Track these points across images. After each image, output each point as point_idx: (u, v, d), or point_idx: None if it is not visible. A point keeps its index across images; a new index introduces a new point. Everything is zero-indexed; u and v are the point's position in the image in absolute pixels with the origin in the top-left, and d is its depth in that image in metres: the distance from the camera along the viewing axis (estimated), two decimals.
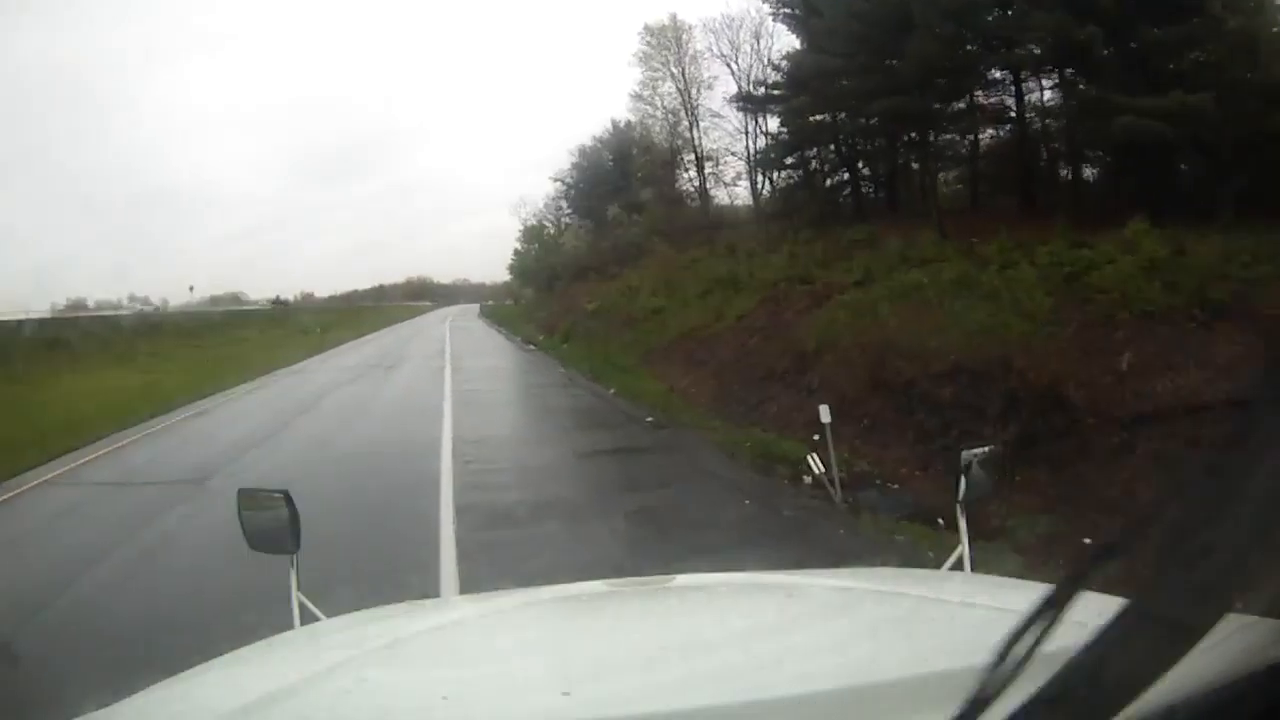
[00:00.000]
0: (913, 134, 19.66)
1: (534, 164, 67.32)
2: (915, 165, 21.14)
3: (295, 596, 1.81)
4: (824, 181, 25.69)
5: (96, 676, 1.82)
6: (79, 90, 56.98)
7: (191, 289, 40.81)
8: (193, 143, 72.76)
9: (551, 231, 39.05)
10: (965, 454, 1.84)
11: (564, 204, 37.33)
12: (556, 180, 36.53)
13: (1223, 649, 0.67)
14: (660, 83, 29.03)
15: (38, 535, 7.04)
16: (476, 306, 63.26)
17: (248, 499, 1.90)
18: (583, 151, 35.57)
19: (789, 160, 26.78)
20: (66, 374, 19.79)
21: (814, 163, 26.23)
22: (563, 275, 33.34)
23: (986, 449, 1.91)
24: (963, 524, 1.80)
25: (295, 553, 1.84)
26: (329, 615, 1.77)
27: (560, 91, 65.67)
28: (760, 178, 28.14)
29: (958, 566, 1.74)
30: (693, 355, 13.99)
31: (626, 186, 33.63)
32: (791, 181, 27.11)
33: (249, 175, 74.28)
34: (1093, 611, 0.62)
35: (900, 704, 0.90)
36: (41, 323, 31.62)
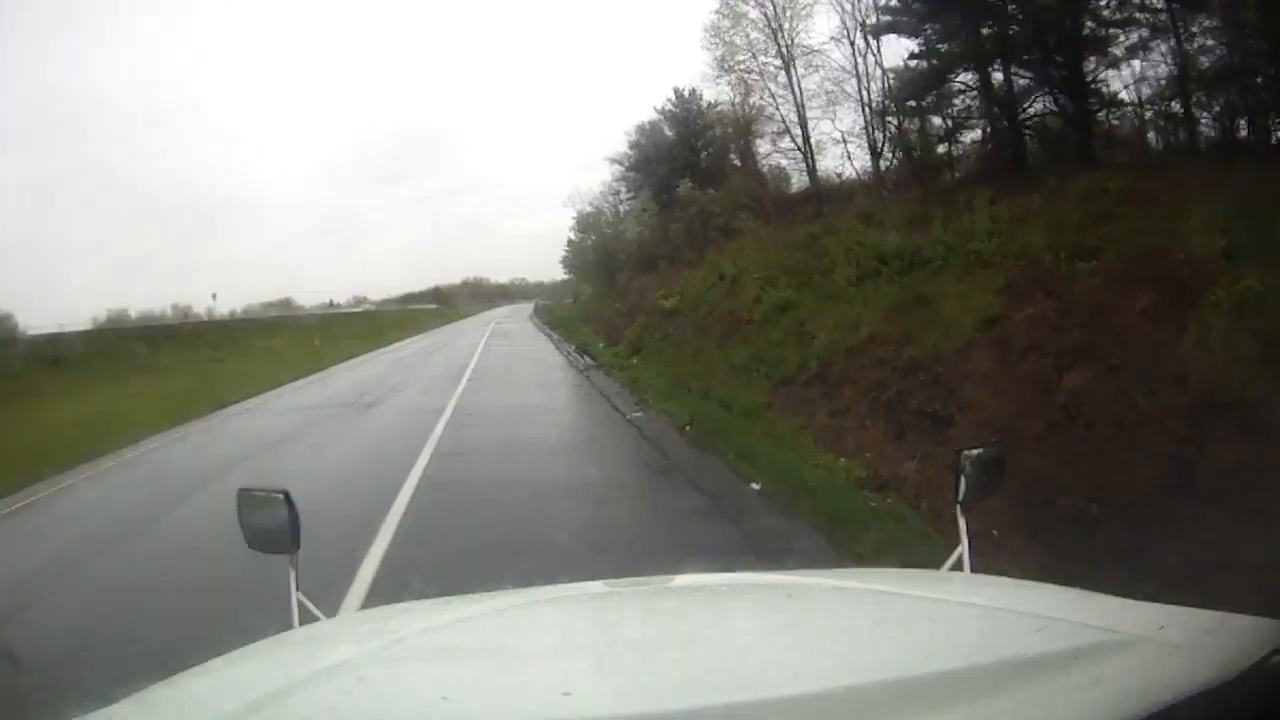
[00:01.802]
0: None
1: (590, 162, 61.14)
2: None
3: (295, 596, 1.68)
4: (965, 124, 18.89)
5: None
6: (132, 106, 55.37)
7: (214, 296, 36.20)
8: (246, 152, 69.87)
9: (610, 217, 32.44)
10: (964, 453, 1.73)
11: (622, 189, 30.70)
12: (614, 162, 29.97)
13: (1223, 649, 0.71)
14: (744, 10, 21.90)
15: None
16: (531, 306, 58.62)
17: (247, 499, 1.77)
18: (641, 130, 29.04)
19: (924, 102, 19.79)
20: (35, 399, 16.90)
21: (956, 102, 19.37)
22: (626, 266, 26.68)
23: (985, 447, 1.77)
24: (962, 524, 1.68)
25: (295, 553, 1.71)
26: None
27: (615, 88, 59.06)
28: (882, 130, 20.88)
29: (958, 567, 1.63)
30: (899, 397, 6.97)
31: (695, 162, 27.26)
32: (927, 132, 20.07)
33: (302, 182, 71.09)
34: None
35: (900, 704, 0.87)
36: (47, 337, 27.60)
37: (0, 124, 46.12)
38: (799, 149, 21.09)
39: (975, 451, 1.74)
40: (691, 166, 27.19)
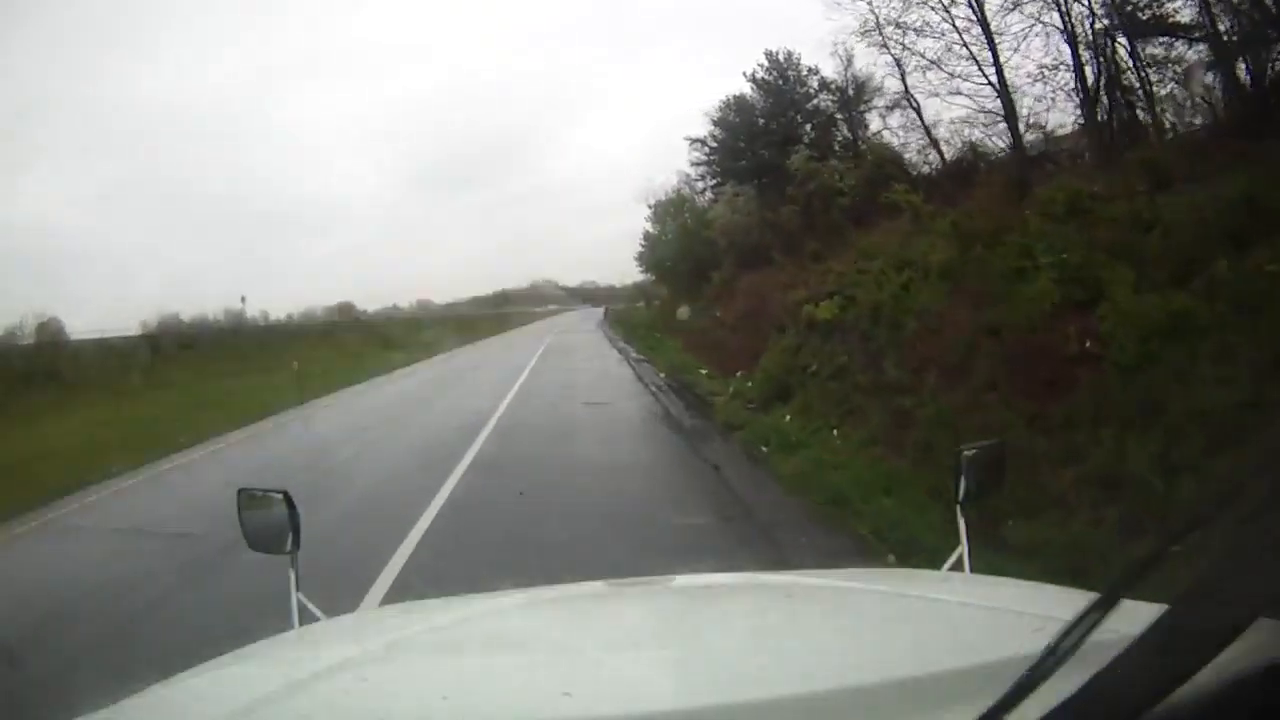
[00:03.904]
0: None
1: (665, 162, 55.06)
2: None
3: (295, 596, 1.65)
4: None
5: None
6: (198, 114, 53.42)
7: (244, 300, 31.76)
8: (314, 158, 67.24)
9: (693, 204, 26.15)
10: (963, 453, 1.63)
11: (705, 175, 24.46)
12: (693, 143, 23.99)
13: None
14: None
15: None
16: (601, 311, 52.89)
17: (248, 499, 1.74)
18: (727, 105, 23.01)
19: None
20: None
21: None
22: (722, 261, 20.47)
23: (984, 446, 1.69)
24: (962, 524, 1.61)
25: (295, 553, 1.68)
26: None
27: (691, 88, 52.75)
28: (1096, 65, 13.88)
29: (958, 566, 1.58)
30: None
31: (794, 135, 21.19)
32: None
33: (371, 188, 67.88)
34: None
35: (900, 704, 0.86)
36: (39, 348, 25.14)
37: (65, 133, 45.55)
38: (991, 85, 14.26)
39: (974, 450, 1.63)
40: (791, 141, 21.22)
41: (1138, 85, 13.95)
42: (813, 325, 9.24)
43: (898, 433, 5.76)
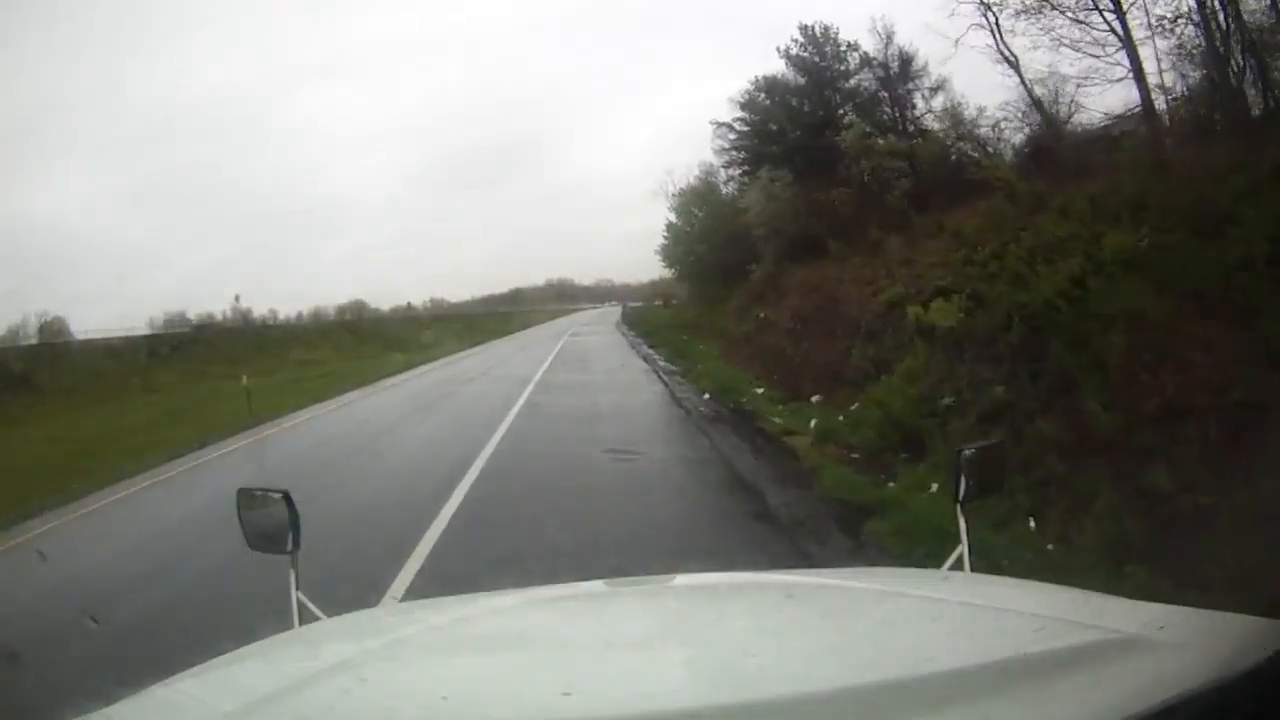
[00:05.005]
0: None
1: (681, 162, 53.06)
2: None
3: (295, 596, 1.60)
4: None
5: None
6: (213, 115, 52.64)
7: (237, 298, 30.12)
8: (326, 158, 65.95)
9: (722, 191, 23.78)
10: (962, 453, 1.57)
11: (731, 163, 22.11)
12: (719, 126, 21.27)
13: (1222, 649, 0.68)
14: None
15: None
16: (618, 309, 51.03)
17: (247, 499, 1.70)
18: (758, 86, 20.45)
19: None
20: None
21: None
22: (764, 252, 18.16)
23: (983, 445, 1.66)
24: (962, 524, 1.55)
25: (294, 553, 1.62)
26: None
27: (708, 85, 50.46)
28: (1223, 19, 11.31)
29: (958, 566, 1.52)
30: None
31: (833, 118, 18.53)
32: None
33: (385, 185, 66.48)
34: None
35: (900, 704, 0.83)
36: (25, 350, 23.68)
37: (82, 134, 44.99)
38: (1114, 33, 11.68)
39: (973, 450, 1.58)
40: (830, 122, 19.16)
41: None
42: (926, 335, 6.88)
43: (1158, 535, 3.36)
